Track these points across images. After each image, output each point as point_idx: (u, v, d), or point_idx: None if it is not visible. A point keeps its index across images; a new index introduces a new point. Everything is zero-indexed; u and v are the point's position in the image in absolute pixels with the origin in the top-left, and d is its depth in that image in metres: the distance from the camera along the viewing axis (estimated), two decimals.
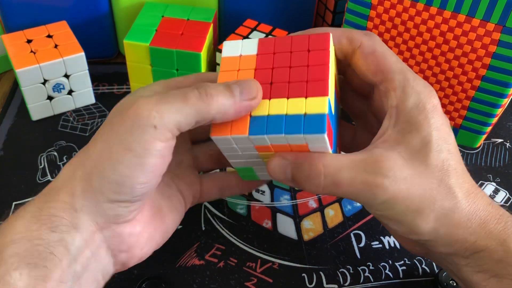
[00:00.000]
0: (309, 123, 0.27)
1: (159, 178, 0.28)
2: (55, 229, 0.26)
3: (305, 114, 0.28)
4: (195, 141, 0.38)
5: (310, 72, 0.29)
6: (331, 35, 0.30)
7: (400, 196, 0.28)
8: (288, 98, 0.29)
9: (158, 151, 0.26)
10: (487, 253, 0.29)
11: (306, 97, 0.28)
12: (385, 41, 0.48)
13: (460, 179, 0.30)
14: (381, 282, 0.39)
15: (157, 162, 0.27)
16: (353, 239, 0.42)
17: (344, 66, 0.34)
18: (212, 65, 0.54)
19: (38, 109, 0.50)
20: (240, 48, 0.31)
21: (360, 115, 0.36)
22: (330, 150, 0.29)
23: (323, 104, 0.28)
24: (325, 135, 0.27)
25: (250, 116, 0.29)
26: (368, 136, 0.33)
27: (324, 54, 0.29)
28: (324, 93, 0.28)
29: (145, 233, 0.31)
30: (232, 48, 0.31)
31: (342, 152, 0.35)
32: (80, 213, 0.27)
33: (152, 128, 0.26)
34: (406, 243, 0.34)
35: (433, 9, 0.43)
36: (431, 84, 0.47)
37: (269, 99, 0.29)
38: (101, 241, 0.28)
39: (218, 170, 0.42)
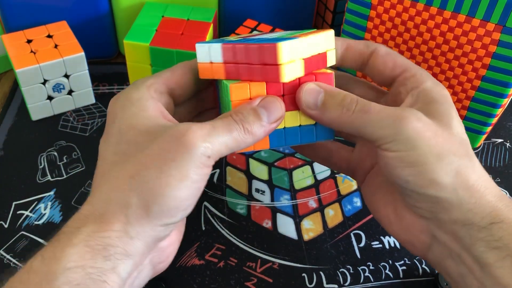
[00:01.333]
0: (320, 131, 0.32)
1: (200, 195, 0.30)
2: (109, 258, 0.26)
3: (315, 124, 0.32)
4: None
5: (317, 79, 0.32)
6: (333, 38, 0.32)
7: (425, 135, 0.29)
8: (299, 110, 0.32)
9: (207, 176, 0.29)
10: (506, 225, 0.28)
11: None
12: (385, 41, 0.48)
13: (474, 156, 0.30)
14: (381, 282, 0.39)
15: (203, 184, 0.29)
16: (353, 239, 0.42)
17: (360, 68, 0.36)
18: None
19: (38, 109, 0.50)
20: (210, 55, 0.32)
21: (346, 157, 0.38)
22: None
23: None
24: (333, 139, 0.33)
25: None
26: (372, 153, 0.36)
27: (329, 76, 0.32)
28: None
29: (177, 240, 0.32)
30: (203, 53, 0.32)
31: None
32: (135, 239, 0.27)
33: (206, 157, 0.28)
34: (407, 233, 0.33)
35: (433, 9, 0.43)
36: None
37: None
38: (148, 260, 0.29)
39: None
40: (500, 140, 0.52)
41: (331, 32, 0.32)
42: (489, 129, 0.48)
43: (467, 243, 0.29)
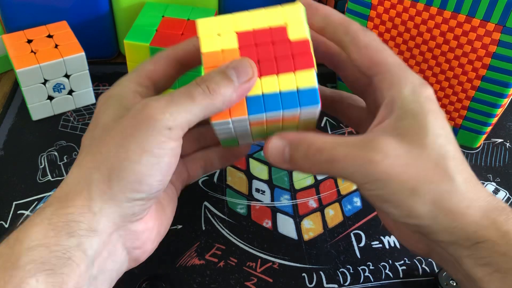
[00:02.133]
0: (303, 97, 0.30)
1: (171, 174, 0.29)
2: (73, 234, 0.26)
3: (297, 89, 0.30)
4: None
5: (292, 47, 0.30)
6: (302, 8, 0.31)
7: (394, 173, 0.28)
8: (277, 75, 0.30)
9: (173, 150, 0.28)
10: (490, 244, 0.28)
11: (294, 72, 0.30)
12: (385, 41, 0.48)
13: (459, 165, 0.29)
14: (381, 282, 0.39)
15: (172, 160, 0.29)
16: (353, 239, 0.42)
17: (339, 62, 0.35)
18: None
19: (38, 109, 0.50)
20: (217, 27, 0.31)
21: (357, 121, 0.37)
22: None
23: (312, 78, 0.30)
24: (319, 106, 0.29)
25: (246, 96, 0.30)
26: None
27: (301, 28, 0.31)
28: (310, 65, 0.30)
29: (155, 227, 0.32)
30: (208, 28, 0.31)
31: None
32: (99, 215, 0.27)
33: (167, 129, 0.27)
34: (407, 238, 0.33)
35: (433, 9, 0.43)
36: (431, 84, 0.47)
37: (260, 77, 0.30)
38: (117, 241, 0.29)
39: None
40: (500, 140, 0.52)
41: (298, 6, 0.31)
42: (489, 129, 0.48)
43: (457, 258, 0.29)
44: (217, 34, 0.31)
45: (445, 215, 0.28)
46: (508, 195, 0.46)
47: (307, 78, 0.30)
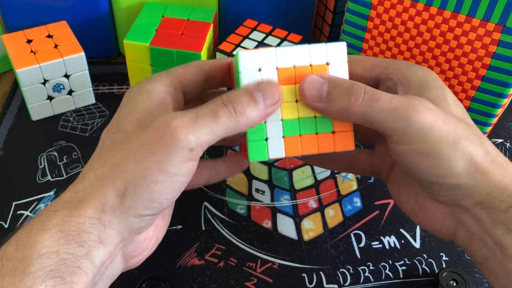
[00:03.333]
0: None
1: (181, 192, 0.29)
2: (82, 244, 0.26)
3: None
4: None
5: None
6: (345, 47, 0.31)
7: (436, 125, 0.28)
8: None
9: (189, 170, 0.28)
10: None
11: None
12: (385, 41, 0.48)
13: (484, 136, 0.30)
14: (381, 282, 0.39)
15: (186, 179, 0.29)
16: (353, 239, 0.42)
17: None
18: None
19: (38, 109, 0.50)
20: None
21: (368, 136, 0.37)
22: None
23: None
24: (345, 44, 0.31)
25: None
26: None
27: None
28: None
29: (154, 235, 0.32)
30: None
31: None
32: (108, 228, 0.27)
33: (188, 150, 0.27)
34: (433, 217, 0.32)
35: (433, 9, 0.43)
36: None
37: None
38: (119, 250, 0.29)
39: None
40: (500, 140, 0.52)
41: (342, 44, 0.31)
42: (489, 129, 0.48)
43: (488, 227, 0.29)
44: (258, 70, 0.30)
45: (482, 174, 0.28)
46: None
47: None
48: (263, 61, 0.30)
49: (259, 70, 0.30)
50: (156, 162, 0.27)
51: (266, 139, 0.31)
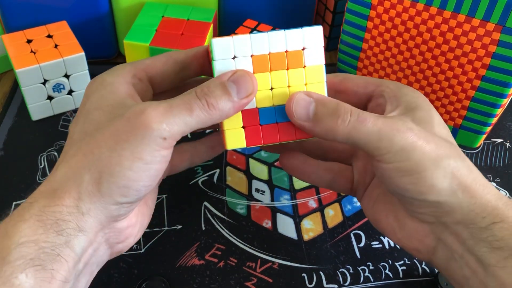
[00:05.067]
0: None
1: (159, 179, 0.30)
2: (61, 233, 0.27)
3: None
4: None
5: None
6: (321, 31, 0.31)
7: (418, 144, 0.29)
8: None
9: (164, 157, 0.28)
10: (506, 224, 0.28)
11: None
12: (385, 41, 0.48)
13: (466, 157, 0.31)
14: (381, 282, 0.39)
15: (162, 166, 0.29)
16: (353, 239, 0.42)
17: (334, 94, 0.36)
18: None
19: (38, 109, 0.50)
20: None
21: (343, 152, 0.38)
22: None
23: None
24: (321, 28, 0.31)
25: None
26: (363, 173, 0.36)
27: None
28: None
29: (138, 221, 0.32)
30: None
31: None
32: (86, 216, 0.28)
33: (161, 139, 0.28)
34: (413, 235, 0.32)
35: (433, 9, 0.43)
36: (431, 84, 0.47)
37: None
38: (102, 238, 0.29)
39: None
40: (500, 140, 0.52)
41: (317, 28, 0.31)
42: (489, 129, 0.48)
43: (470, 244, 0.29)
44: (232, 58, 0.30)
45: (464, 191, 0.29)
46: (508, 195, 0.46)
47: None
48: (237, 48, 0.30)
49: (234, 58, 0.30)
50: (130, 150, 0.27)
51: (243, 127, 0.31)
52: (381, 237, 0.42)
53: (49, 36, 0.50)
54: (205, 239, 0.41)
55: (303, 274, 0.39)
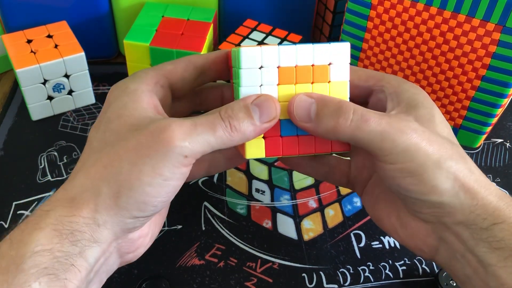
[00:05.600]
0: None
1: (175, 194, 0.30)
2: (76, 243, 0.27)
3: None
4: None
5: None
6: (349, 48, 0.31)
7: (421, 145, 0.29)
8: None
9: (183, 175, 0.29)
10: (507, 225, 0.28)
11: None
12: (385, 41, 0.48)
13: (467, 155, 0.31)
14: (381, 282, 0.39)
15: (180, 183, 0.29)
16: (353, 239, 0.42)
17: None
18: None
19: (38, 109, 0.50)
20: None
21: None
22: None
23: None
24: (349, 45, 0.31)
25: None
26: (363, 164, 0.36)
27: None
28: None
29: (149, 232, 0.32)
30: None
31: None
32: (102, 227, 0.28)
33: (183, 157, 0.28)
34: (415, 234, 0.32)
35: (433, 9, 0.43)
36: (431, 84, 0.47)
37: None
38: (114, 248, 0.29)
39: None
40: (500, 140, 0.52)
41: (345, 44, 0.31)
42: (489, 129, 0.48)
43: (470, 245, 0.29)
44: (259, 67, 0.30)
45: (465, 192, 0.29)
46: (508, 195, 0.46)
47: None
48: (265, 58, 0.30)
49: (260, 67, 0.30)
50: (151, 165, 0.27)
51: (264, 137, 0.31)
52: (381, 237, 0.42)
53: (49, 36, 0.50)
54: (205, 239, 0.41)
55: (303, 274, 0.39)
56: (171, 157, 0.27)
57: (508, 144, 0.51)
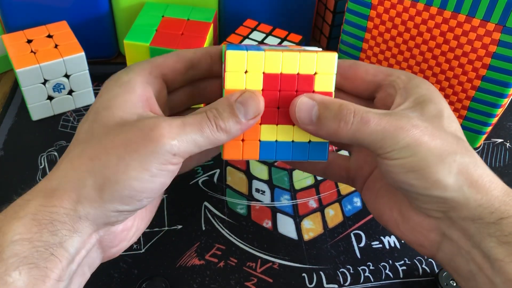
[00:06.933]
0: (313, 151, 0.32)
1: (162, 192, 0.30)
2: (56, 233, 0.27)
3: (309, 142, 0.32)
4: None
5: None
6: (336, 58, 0.31)
7: (423, 140, 0.29)
8: (294, 125, 0.31)
9: (170, 172, 0.29)
10: None
11: None
12: (385, 41, 0.48)
13: (474, 151, 0.30)
14: (381, 282, 0.39)
15: (167, 181, 0.29)
16: (353, 239, 0.42)
17: (341, 80, 0.35)
18: None
19: (38, 109, 0.50)
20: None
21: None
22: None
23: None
24: (336, 55, 0.31)
25: (260, 140, 0.31)
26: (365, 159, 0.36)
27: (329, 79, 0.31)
28: None
29: (133, 226, 0.32)
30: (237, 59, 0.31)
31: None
32: (84, 219, 0.28)
33: (171, 155, 0.28)
34: (417, 230, 0.32)
35: (433, 9, 0.43)
36: (431, 84, 0.47)
37: (276, 124, 0.31)
38: (95, 239, 0.29)
39: None
40: (500, 140, 0.52)
41: (332, 54, 0.31)
42: (489, 129, 0.48)
43: (477, 240, 0.29)
44: (244, 72, 0.30)
45: (471, 186, 0.29)
46: None
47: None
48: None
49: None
50: (139, 160, 0.27)
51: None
52: (381, 237, 0.42)
53: (49, 36, 0.50)
54: (205, 239, 0.41)
55: (303, 274, 0.39)
56: (159, 153, 0.28)
57: (508, 144, 0.51)
